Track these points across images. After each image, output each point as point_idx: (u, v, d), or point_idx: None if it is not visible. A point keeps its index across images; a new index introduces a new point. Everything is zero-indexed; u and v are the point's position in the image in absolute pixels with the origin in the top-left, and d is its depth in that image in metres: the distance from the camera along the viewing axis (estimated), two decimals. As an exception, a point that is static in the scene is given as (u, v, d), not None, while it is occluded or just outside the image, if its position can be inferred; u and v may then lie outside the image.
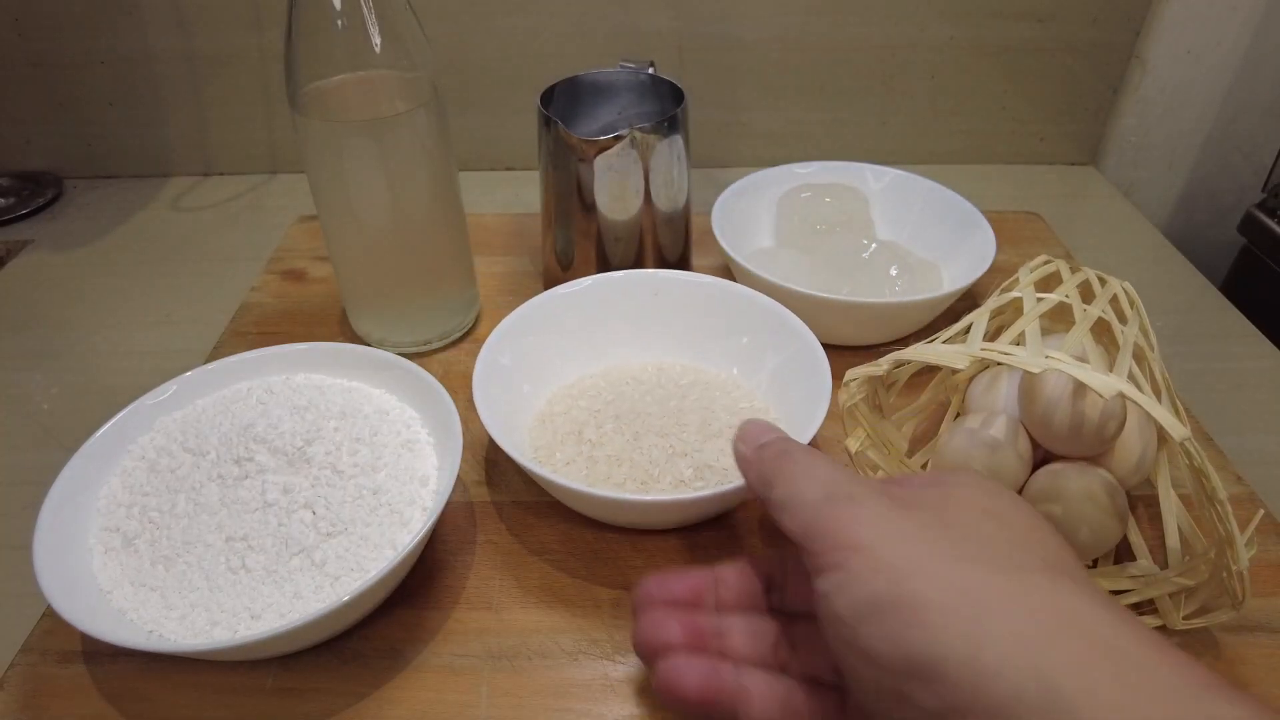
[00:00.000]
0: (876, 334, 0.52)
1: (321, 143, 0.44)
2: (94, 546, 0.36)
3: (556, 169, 0.50)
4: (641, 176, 0.50)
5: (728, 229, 0.54)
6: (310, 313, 0.56)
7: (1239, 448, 0.46)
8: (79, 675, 0.35)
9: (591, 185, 0.50)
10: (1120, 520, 0.37)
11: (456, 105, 0.73)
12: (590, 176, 0.49)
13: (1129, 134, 0.76)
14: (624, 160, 0.48)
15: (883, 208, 0.60)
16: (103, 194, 0.74)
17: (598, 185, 0.49)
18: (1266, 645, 0.36)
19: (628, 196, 0.50)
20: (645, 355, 0.49)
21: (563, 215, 0.52)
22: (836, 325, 0.49)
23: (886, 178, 0.60)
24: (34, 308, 0.60)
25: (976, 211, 0.56)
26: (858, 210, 0.59)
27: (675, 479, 0.41)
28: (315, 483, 0.38)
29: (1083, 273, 0.40)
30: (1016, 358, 0.33)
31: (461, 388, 0.42)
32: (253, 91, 0.72)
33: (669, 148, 0.50)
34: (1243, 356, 0.56)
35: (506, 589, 0.39)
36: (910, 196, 0.59)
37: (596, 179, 0.49)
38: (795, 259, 0.55)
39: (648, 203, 0.51)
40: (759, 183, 0.59)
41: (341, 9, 0.41)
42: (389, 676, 0.35)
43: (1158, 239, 0.68)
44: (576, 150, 0.49)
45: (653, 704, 0.34)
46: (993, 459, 0.39)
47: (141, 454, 0.40)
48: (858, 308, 0.49)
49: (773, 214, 0.60)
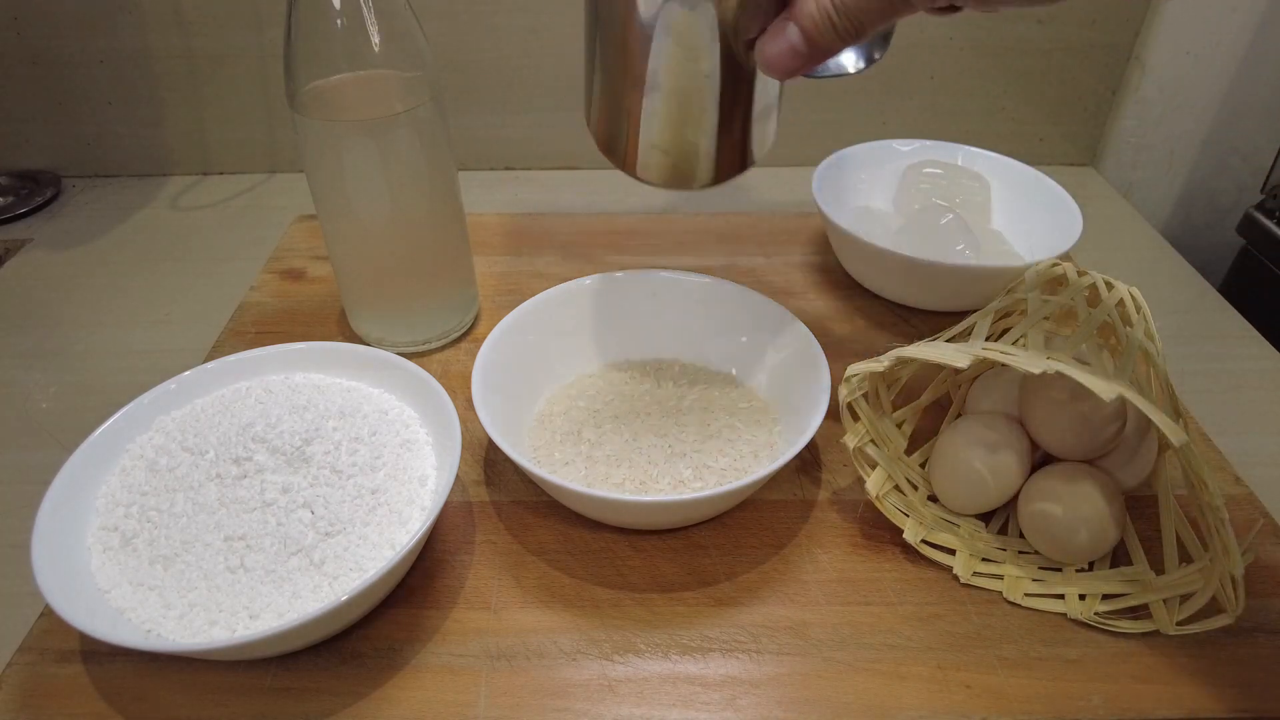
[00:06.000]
0: (925, 297, 0.55)
1: (321, 142, 0.44)
2: (92, 546, 0.36)
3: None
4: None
5: (827, 195, 0.57)
6: (309, 312, 0.56)
7: (1237, 448, 0.46)
8: (77, 675, 0.35)
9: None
10: (1118, 523, 0.37)
11: (456, 105, 0.73)
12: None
13: (1128, 135, 0.76)
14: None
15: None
16: (101, 193, 0.74)
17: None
18: (1266, 645, 0.36)
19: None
20: (644, 355, 0.49)
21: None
22: (897, 283, 0.55)
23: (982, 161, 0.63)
24: (33, 307, 0.60)
25: (1078, 216, 0.55)
26: (976, 193, 0.61)
27: (674, 479, 0.41)
28: (314, 482, 0.38)
29: (1090, 276, 0.40)
30: (1018, 359, 0.33)
31: (460, 387, 0.42)
32: (252, 91, 0.72)
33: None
34: (1241, 357, 0.56)
35: (505, 589, 0.39)
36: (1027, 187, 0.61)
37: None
38: (884, 220, 0.59)
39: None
40: (856, 155, 0.62)
41: (341, 9, 0.41)
42: (388, 676, 0.35)
43: (1157, 240, 0.69)
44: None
45: (652, 704, 0.34)
46: (993, 459, 0.39)
47: (140, 453, 0.40)
48: (924, 267, 0.51)
49: (866, 184, 0.63)
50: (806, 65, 0.31)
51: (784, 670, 0.35)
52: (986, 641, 0.36)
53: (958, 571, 0.39)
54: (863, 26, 0.29)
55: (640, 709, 0.34)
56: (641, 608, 0.38)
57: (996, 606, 0.38)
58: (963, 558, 0.39)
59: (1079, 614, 0.37)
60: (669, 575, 0.39)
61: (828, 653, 0.36)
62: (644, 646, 0.36)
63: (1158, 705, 0.34)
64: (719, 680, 0.35)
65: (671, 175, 0.37)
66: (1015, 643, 0.36)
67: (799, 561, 0.40)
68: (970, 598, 0.38)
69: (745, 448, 0.43)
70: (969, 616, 0.37)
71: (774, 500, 0.43)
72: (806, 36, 0.30)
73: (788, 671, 0.35)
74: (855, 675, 0.35)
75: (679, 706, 0.34)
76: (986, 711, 0.34)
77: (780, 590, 0.38)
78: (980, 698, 0.34)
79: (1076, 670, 0.35)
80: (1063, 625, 0.37)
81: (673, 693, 0.34)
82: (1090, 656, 0.36)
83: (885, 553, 0.40)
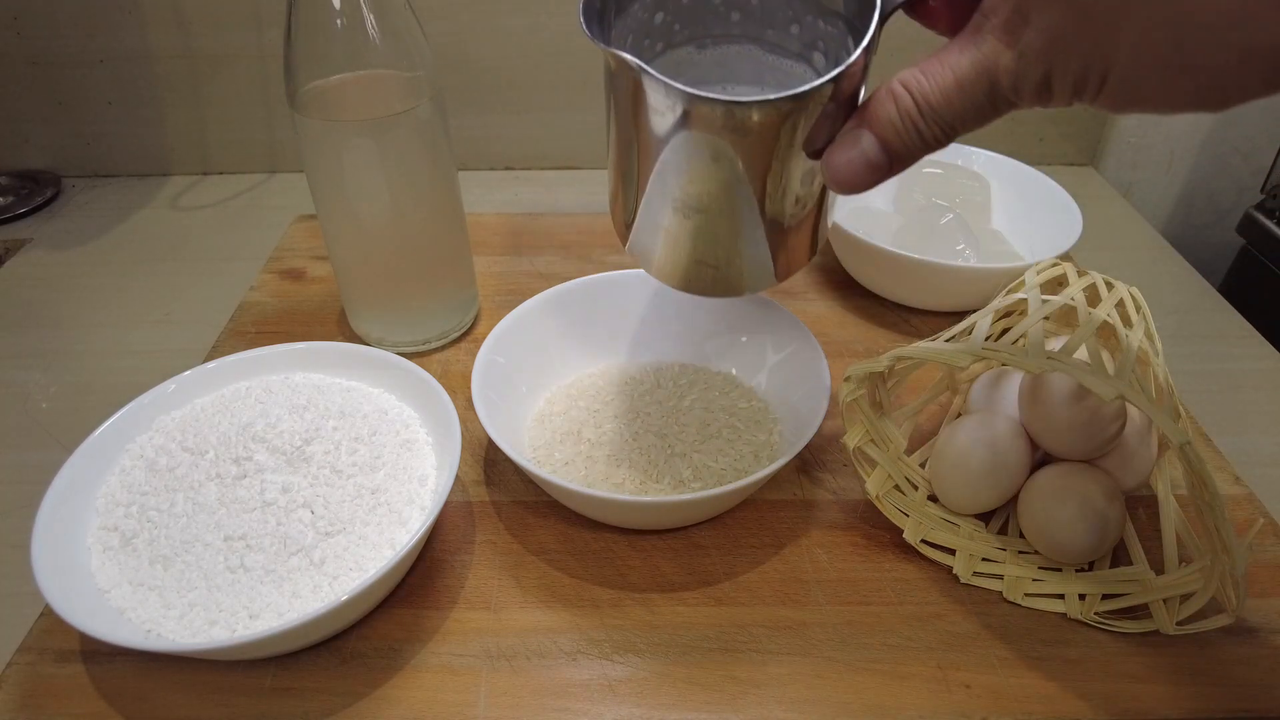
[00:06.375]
0: (925, 297, 0.55)
1: (321, 142, 0.44)
2: (92, 546, 0.36)
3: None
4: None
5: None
6: (309, 312, 0.56)
7: (1237, 448, 0.46)
8: (77, 674, 0.35)
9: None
10: (1118, 523, 0.37)
11: (456, 105, 0.73)
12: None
13: (1128, 135, 0.76)
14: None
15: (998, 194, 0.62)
16: (101, 193, 0.74)
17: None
18: (1266, 645, 0.36)
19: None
20: (644, 355, 0.49)
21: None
22: (895, 283, 0.55)
23: (987, 162, 0.62)
24: (32, 307, 0.60)
25: (1078, 215, 0.55)
26: (975, 192, 0.61)
27: (674, 479, 0.41)
28: (314, 482, 0.38)
29: (1090, 276, 0.40)
30: (1018, 358, 0.33)
31: (460, 387, 0.42)
32: (252, 91, 0.72)
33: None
34: (1241, 357, 0.56)
35: (505, 589, 0.39)
36: (1024, 186, 0.61)
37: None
38: (884, 220, 0.59)
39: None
40: None
41: (341, 9, 0.41)
42: (387, 676, 0.35)
43: (1156, 239, 0.69)
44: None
45: (652, 704, 0.34)
46: (993, 459, 0.39)
47: (140, 453, 0.40)
48: (924, 267, 0.51)
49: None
50: (883, 178, 0.27)
51: (784, 670, 0.35)
52: (986, 641, 0.36)
53: (958, 571, 0.39)
54: (954, 131, 0.25)
55: (640, 709, 0.34)
56: (641, 608, 0.38)
57: (996, 606, 0.38)
58: (963, 558, 0.39)
59: (1079, 614, 0.37)
60: (669, 575, 0.39)
61: (828, 653, 0.36)
62: (644, 646, 0.36)
63: (1158, 705, 0.34)
64: (719, 680, 0.35)
65: (719, 288, 0.35)
66: (1015, 643, 0.36)
67: (799, 561, 0.40)
68: (970, 598, 0.38)
69: (745, 448, 0.43)
70: (969, 616, 0.37)
71: (774, 500, 0.43)
72: (885, 146, 0.26)
73: (788, 671, 0.35)
74: (855, 675, 0.35)
75: (679, 706, 0.34)
76: (986, 711, 0.34)
77: (780, 590, 0.38)
78: (980, 698, 0.34)
79: (1076, 670, 0.35)
80: (1063, 625, 0.37)
81: (673, 693, 0.34)
82: (1090, 656, 0.36)
83: (885, 553, 0.40)
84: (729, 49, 0.35)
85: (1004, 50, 0.23)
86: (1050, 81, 0.23)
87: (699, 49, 0.35)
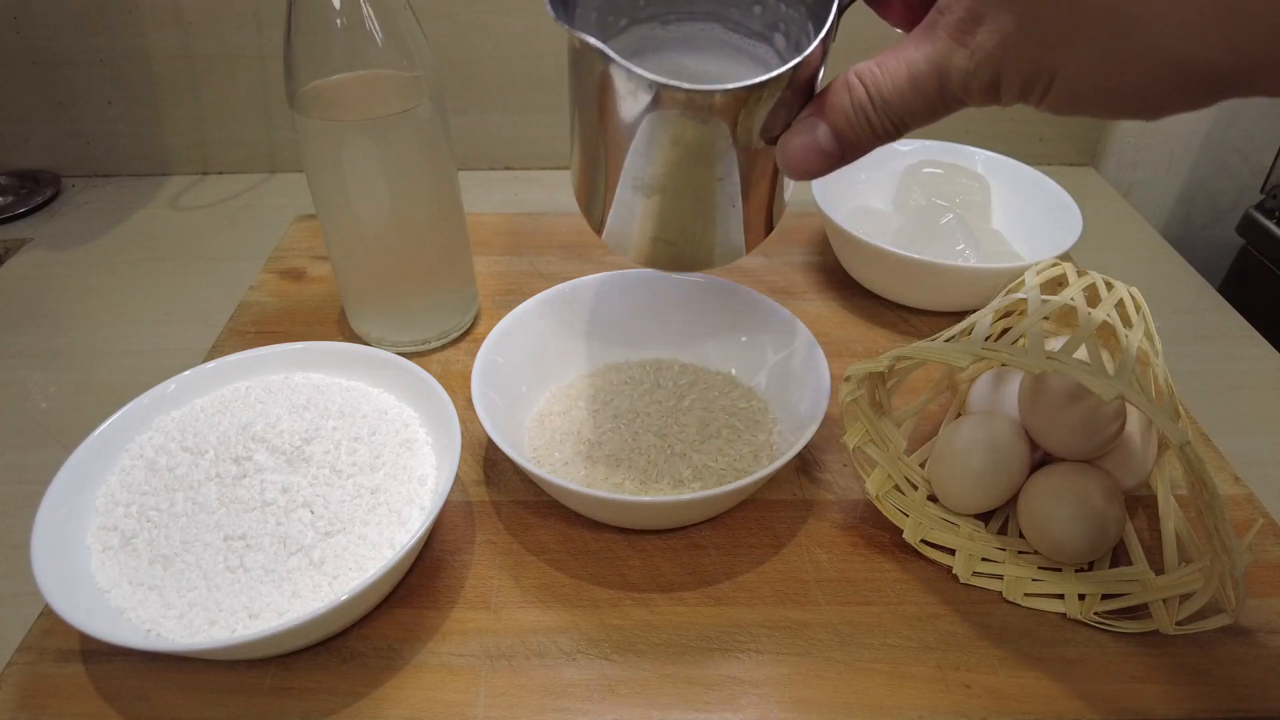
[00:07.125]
0: (925, 297, 0.55)
1: (321, 142, 0.44)
2: (92, 545, 0.36)
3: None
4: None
5: (827, 195, 0.57)
6: (309, 312, 0.56)
7: (1237, 448, 0.46)
8: (77, 674, 0.35)
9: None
10: (1118, 523, 0.37)
11: (456, 105, 0.73)
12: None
13: (1128, 135, 0.76)
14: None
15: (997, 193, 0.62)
16: (101, 193, 0.74)
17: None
18: (1266, 645, 0.36)
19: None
20: (644, 355, 0.49)
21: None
22: (896, 283, 0.55)
23: (986, 161, 0.63)
24: (32, 306, 0.60)
25: (1077, 216, 0.55)
26: (975, 192, 0.61)
27: (674, 479, 0.41)
28: (314, 482, 0.37)
29: (1089, 276, 0.40)
30: (1018, 358, 0.33)
31: (460, 387, 0.42)
32: (252, 91, 0.72)
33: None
34: (1241, 357, 0.56)
35: (505, 589, 0.39)
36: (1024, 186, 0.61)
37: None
38: (884, 220, 0.60)
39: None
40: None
41: (341, 9, 0.41)
42: (387, 676, 0.35)
43: (1156, 240, 0.69)
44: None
45: (652, 704, 0.34)
46: (993, 459, 0.39)
47: (140, 453, 0.40)
48: (924, 267, 0.51)
49: (866, 184, 0.62)
50: (834, 166, 0.28)
51: (784, 670, 0.35)
52: (986, 641, 0.36)
53: (957, 571, 0.39)
54: (904, 125, 0.26)
55: (640, 709, 0.34)
56: (641, 608, 0.38)
57: (996, 606, 0.38)
58: (962, 558, 0.39)
59: (1079, 614, 0.37)
60: (669, 575, 0.39)
61: (828, 653, 0.36)
62: (644, 646, 0.36)
63: (1157, 705, 0.34)
64: (719, 680, 0.35)
65: (679, 263, 0.36)
66: (1015, 643, 0.36)
67: (799, 561, 0.40)
68: (970, 598, 0.38)
69: (745, 448, 0.43)
70: (969, 616, 0.37)
71: (774, 500, 0.43)
72: (839, 136, 0.27)
73: (788, 671, 0.35)
74: (855, 675, 0.35)
75: (679, 706, 0.34)
76: (986, 711, 0.34)
77: (780, 590, 0.38)
78: (980, 698, 0.34)
79: (1076, 670, 0.35)
80: (1063, 625, 0.37)
81: (673, 693, 0.34)
82: (1090, 656, 0.36)
83: (885, 553, 0.40)
84: (693, 26, 0.36)
85: (956, 49, 0.24)
86: (999, 82, 0.24)
87: (663, 25, 0.36)
